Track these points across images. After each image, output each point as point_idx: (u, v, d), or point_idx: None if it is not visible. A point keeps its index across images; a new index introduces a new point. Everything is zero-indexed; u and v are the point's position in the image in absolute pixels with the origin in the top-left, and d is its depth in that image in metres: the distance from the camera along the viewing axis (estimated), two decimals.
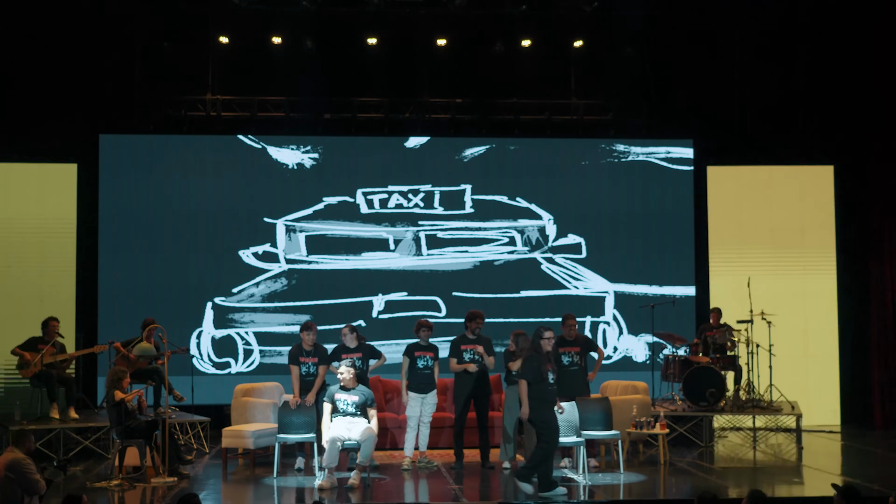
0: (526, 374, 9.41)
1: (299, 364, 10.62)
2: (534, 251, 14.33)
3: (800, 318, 14.10)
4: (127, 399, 10.11)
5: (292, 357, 10.70)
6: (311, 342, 10.67)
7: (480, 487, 10.03)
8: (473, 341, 10.93)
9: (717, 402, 12.12)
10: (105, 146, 13.87)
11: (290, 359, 10.74)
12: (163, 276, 13.79)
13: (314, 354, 10.68)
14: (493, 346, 11.02)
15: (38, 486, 7.65)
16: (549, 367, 9.44)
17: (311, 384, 10.56)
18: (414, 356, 10.91)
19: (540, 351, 9.45)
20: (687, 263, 14.43)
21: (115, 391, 10.08)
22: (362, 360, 10.82)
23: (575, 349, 10.89)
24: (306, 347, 10.65)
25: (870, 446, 12.49)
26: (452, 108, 14.52)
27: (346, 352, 10.75)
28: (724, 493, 9.28)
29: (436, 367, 10.99)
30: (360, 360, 10.79)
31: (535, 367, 9.37)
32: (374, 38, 14.03)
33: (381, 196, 14.23)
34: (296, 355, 10.67)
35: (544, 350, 9.46)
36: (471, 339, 10.94)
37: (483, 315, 11.04)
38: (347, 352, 10.75)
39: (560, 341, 10.89)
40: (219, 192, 14.01)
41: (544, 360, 9.43)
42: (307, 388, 10.54)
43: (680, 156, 14.56)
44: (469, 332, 10.95)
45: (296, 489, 10.05)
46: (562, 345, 10.87)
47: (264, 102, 14.29)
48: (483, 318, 11.01)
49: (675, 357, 12.79)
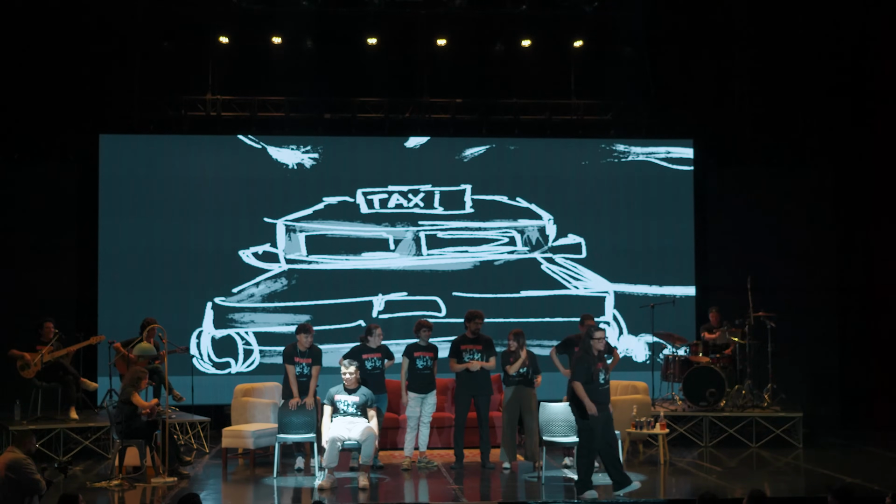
0: (577, 375, 9.30)
1: (294, 364, 10.61)
2: (534, 251, 14.33)
3: (800, 318, 14.08)
4: (144, 410, 10.10)
5: (287, 356, 10.70)
6: (308, 344, 10.66)
7: (480, 487, 10.03)
8: (473, 341, 10.93)
9: (717, 402, 12.12)
10: (105, 146, 13.87)
11: (284, 358, 10.74)
12: (163, 276, 13.79)
13: (308, 356, 10.66)
14: (493, 346, 11.03)
15: (39, 486, 7.65)
16: (600, 367, 9.35)
17: (305, 385, 10.55)
18: (413, 356, 10.91)
19: (590, 351, 9.33)
20: (687, 263, 14.44)
21: (134, 394, 10.09)
22: (381, 361, 10.89)
23: None
24: (301, 349, 10.64)
25: (870, 446, 12.49)
26: (452, 108, 14.52)
27: (367, 352, 10.79)
28: (724, 494, 9.27)
29: (435, 367, 11.00)
30: (380, 361, 10.85)
31: (585, 368, 9.25)
32: (374, 38, 14.03)
33: (381, 196, 14.23)
34: (290, 355, 10.66)
35: (594, 350, 9.34)
36: (471, 339, 10.94)
37: (482, 315, 11.04)
38: (369, 352, 10.78)
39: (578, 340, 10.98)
40: (219, 192, 14.01)
41: (594, 360, 9.30)
42: (302, 388, 10.54)
43: (680, 156, 14.56)
44: (469, 332, 10.96)
45: (296, 489, 10.05)
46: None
47: (264, 102, 14.29)
48: (482, 317, 11.01)
49: (675, 357, 12.79)
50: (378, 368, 10.76)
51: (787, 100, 14.56)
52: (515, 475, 10.39)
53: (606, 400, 9.42)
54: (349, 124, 14.47)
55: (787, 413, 12.31)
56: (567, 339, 11.23)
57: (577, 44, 14.40)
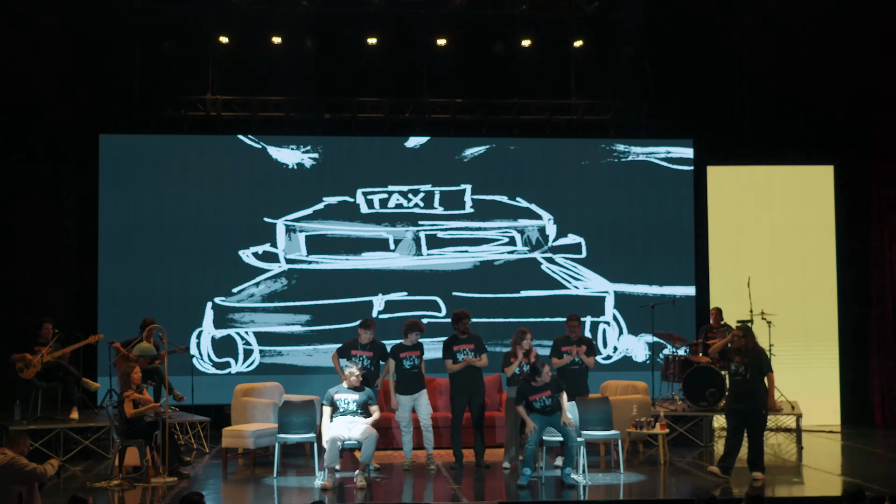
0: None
1: (350, 357, 10.66)
2: (534, 251, 14.34)
3: (800, 318, 14.10)
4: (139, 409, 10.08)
5: (344, 351, 10.83)
6: (369, 338, 10.82)
7: (480, 487, 10.03)
8: (465, 340, 10.92)
9: (717, 402, 12.12)
10: (105, 146, 13.87)
11: (340, 352, 10.86)
12: (163, 276, 13.79)
13: (370, 349, 10.80)
14: (483, 345, 11.01)
15: (37, 473, 7.58)
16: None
17: (371, 376, 10.67)
18: (399, 357, 10.82)
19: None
20: (687, 263, 14.43)
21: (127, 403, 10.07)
22: (371, 361, 10.82)
23: (579, 349, 11.05)
24: (362, 342, 10.81)
25: (870, 446, 12.49)
26: (452, 108, 14.52)
27: (357, 348, 10.78)
28: (724, 494, 9.28)
29: (423, 366, 10.96)
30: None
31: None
32: (374, 38, 14.03)
33: (381, 196, 14.23)
34: (349, 348, 10.82)
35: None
36: (462, 339, 10.93)
37: (469, 313, 11.04)
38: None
39: (565, 340, 11.16)
40: (219, 191, 14.02)
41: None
42: (369, 379, 10.58)
43: (680, 156, 14.56)
44: (459, 333, 10.95)
45: (296, 489, 10.05)
46: (566, 344, 11.13)
47: (264, 102, 14.29)
48: (469, 316, 11.01)
49: (675, 357, 12.80)
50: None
51: (787, 100, 14.56)
52: (515, 475, 10.38)
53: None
54: (349, 124, 14.47)
55: (787, 413, 12.31)
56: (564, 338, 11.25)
57: (577, 44, 14.40)
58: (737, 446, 10.07)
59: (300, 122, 14.32)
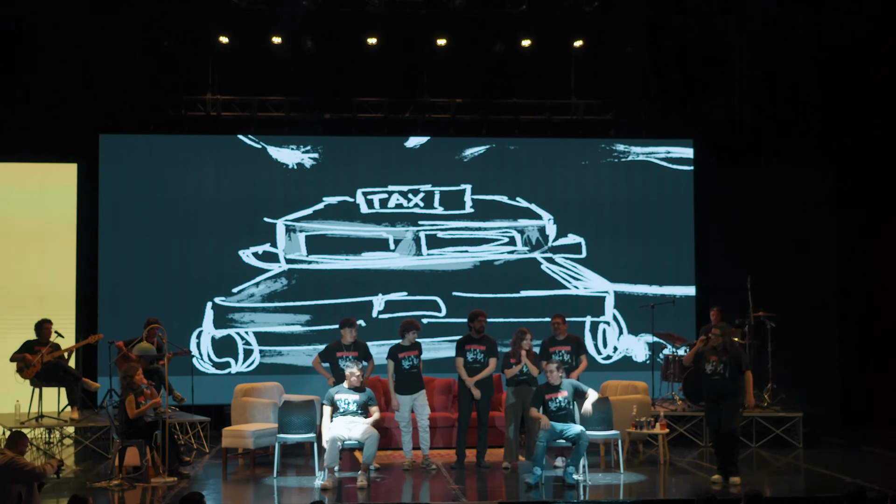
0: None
1: (336, 359, 10.75)
2: (534, 251, 14.34)
3: (800, 319, 14.08)
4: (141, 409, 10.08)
5: (328, 354, 10.92)
6: (352, 338, 10.87)
7: (481, 487, 10.03)
8: (478, 341, 10.92)
9: None
10: (105, 146, 13.87)
11: (323, 356, 10.96)
12: (163, 276, 13.79)
13: (354, 348, 10.85)
14: (496, 347, 11.00)
15: (36, 472, 7.60)
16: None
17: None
18: (398, 358, 10.80)
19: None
20: (687, 263, 14.44)
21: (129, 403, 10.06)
22: (356, 361, 10.80)
23: (566, 348, 11.05)
24: (346, 342, 10.84)
25: (870, 446, 12.49)
26: (452, 108, 14.52)
27: (341, 349, 10.77)
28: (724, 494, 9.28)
29: (421, 365, 10.96)
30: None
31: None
32: (374, 38, 14.03)
33: (381, 196, 14.23)
34: (333, 350, 10.86)
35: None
36: (475, 339, 10.93)
37: (485, 313, 11.03)
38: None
39: (551, 341, 11.13)
40: (219, 192, 14.01)
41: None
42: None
43: (680, 156, 14.56)
44: (473, 332, 10.95)
45: (296, 489, 10.05)
46: (552, 344, 11.10)
47: (264, 102, 14.29)
48: (485, 316, 11.01)
49: (675, 357, 12.79)
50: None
51: (787, 100, 14.56)
52: (515, 475, 10.38)
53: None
54: (349, 124, 14.47)
55: (787, 413, 12.31)
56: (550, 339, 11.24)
57: (577, 44, 14.40)
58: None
59: (300, 122, 14.31)
